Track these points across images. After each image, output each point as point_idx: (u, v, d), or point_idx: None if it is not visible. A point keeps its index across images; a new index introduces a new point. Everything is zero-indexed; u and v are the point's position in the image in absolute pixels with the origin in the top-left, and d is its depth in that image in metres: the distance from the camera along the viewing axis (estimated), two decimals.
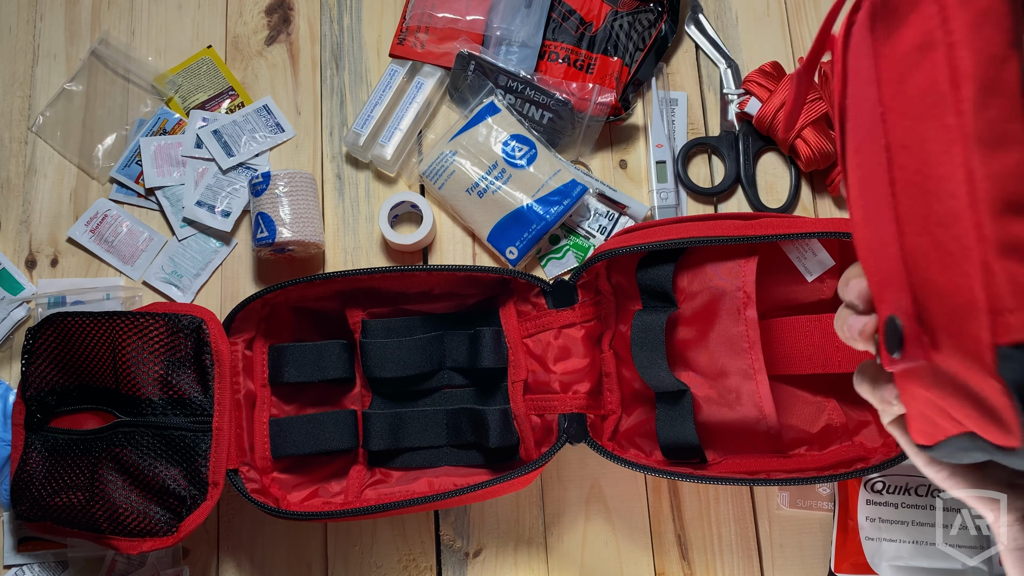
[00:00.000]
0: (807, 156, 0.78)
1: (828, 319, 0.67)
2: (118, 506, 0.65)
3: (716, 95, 0.84)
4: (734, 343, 0.66)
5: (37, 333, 0.69)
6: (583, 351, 0.70)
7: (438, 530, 0.74)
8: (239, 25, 0.86)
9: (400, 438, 0.72)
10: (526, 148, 0.79)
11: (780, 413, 0.66)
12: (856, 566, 0.71)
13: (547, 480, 0.75)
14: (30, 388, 0.69)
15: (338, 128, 0.84)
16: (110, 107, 0.83)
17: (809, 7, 0.87)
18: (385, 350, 0.72)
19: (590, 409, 0.69)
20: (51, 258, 0.80)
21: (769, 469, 0.65)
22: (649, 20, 0.84)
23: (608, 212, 0.80)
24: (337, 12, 0.87)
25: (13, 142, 0.83)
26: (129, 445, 0.67)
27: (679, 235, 0.64)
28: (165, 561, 0.72)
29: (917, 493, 0.72)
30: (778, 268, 0.68)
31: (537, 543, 0.74)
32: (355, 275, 0.69)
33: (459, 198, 0.79)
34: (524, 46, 0.82)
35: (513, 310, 0.72)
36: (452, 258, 0.81)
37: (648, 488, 0.75)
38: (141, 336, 0.68)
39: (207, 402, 0.68)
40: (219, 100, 0.84)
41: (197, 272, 0.79)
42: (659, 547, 0.74)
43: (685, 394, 0.66)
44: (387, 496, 0.69)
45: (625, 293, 0.71)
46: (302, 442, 0.70)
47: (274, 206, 0.75)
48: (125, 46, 0.85)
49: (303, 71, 0.85)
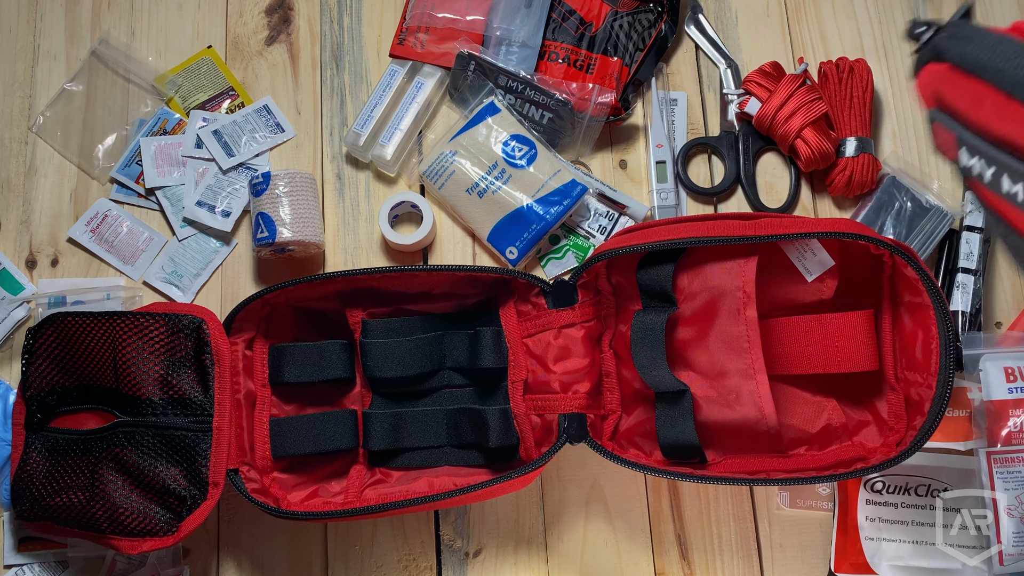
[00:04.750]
0: (807, 156, 0.78)
1: (828, 319, 0.67)
2: (118, 506, 0.65)
3: (716, 95, 0.84)
4: (734, 343, 0.66)
5: (37, 333, 0.70)
6: (583, 351, 0.70)
7: (438, 530, 0.74)
8: (239, 25, 0.86)
9: (400, 438, 0.72)
10: (526, 148, 0.79)
11: (780, 413, 0.66)
12: (856, 566, 0.71)
13: (547, 480, 0.75)
14: (30, 388, 0.69)
15: (338, 128, 0.84)
16: (110, 107, 0.83)
17: (809, 7, 0.87)
18: (385, 350, 0.72)
19: (590, 409, 0.70)
20: (51, 258, 0.80)
21: (769, 469, 0.65)
22: (649, 20, 0.84)
23: (608, 212, 0.80)
24: (337, 12, 0.87)
25: (13, 142, 0.83)
26: (129, 445, 0.67)
27: (679, 235, 0.64)
28: (165, 561, 0.72)
29: (917, 493, 0.72)
30: (778, 268, 0.68)
31: (537, 543, 0.74)
32: (355, 275, 0.69)
33: (459, 198, 0.79)
34: (524, 46, 0.82)
35: (513, 310, 0.72)
36: (452, 258, 0.81)
37: (648, 488, 0.75)
38: (141, 336, 0.68)
39: (207, 402, 0.68)
40: (219, 100, 0.84)
41: (197, 272, 0.80)
42: (659, 547, 0.74)
43: (685, 394, 0.66)
44: (387, 496, 0.69)
45: (625, 293, 0.71)
46: (302, 442, 0.70)
47: (274, 206, 0.75)
48: (125, 46, 0.85)
49: (303, 71, 0.85)
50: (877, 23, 0.86)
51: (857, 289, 0.68)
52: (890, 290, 0.67)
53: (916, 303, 0.63)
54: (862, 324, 0.66)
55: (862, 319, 0.66)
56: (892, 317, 0.67)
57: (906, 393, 0.66)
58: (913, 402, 0.65)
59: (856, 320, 0.66)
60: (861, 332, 0.66)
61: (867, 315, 0.66)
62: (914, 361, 0.64)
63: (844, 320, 0.66)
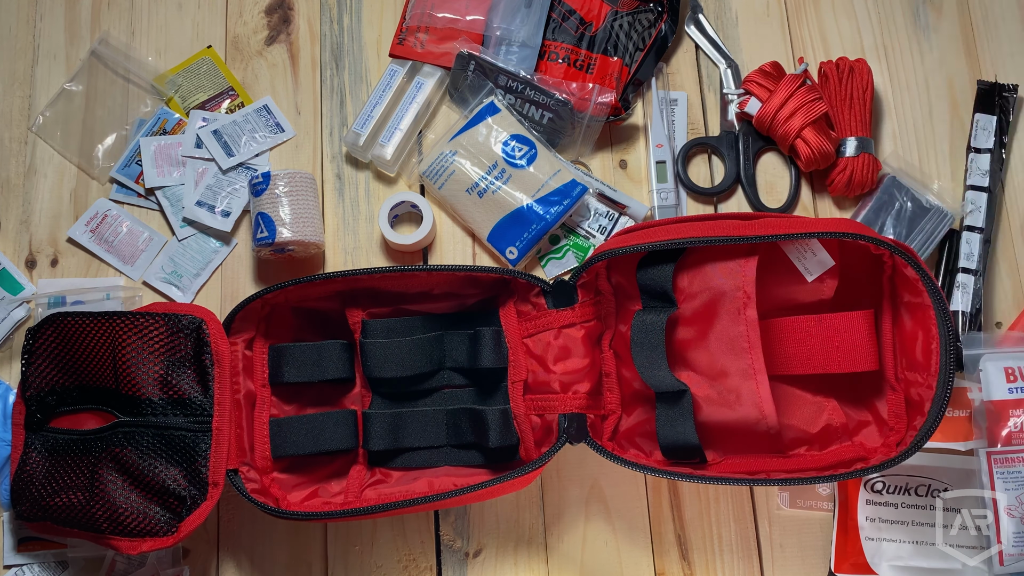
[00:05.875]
0: (807, 156, 0.78)
1: (828, 319, 0.67)
2: (118, 506, 0.65)
3: (716, 95, 0.84)
4: (734, 343, 0.66)
5: (37, 333, 0.69)
6: (583, 351, 0.70)
7: (438, 530, 0.74)
8: (239, 25, 0.86)
9: (400, 438, 0.72)
10: (526, 148, 0.79)
11: (780, 413, 0.66)
12: (856, 566, 0.71)
13: (547, 480, 0.75)
14: (30, 388, 0.69)
15: (338, 128, 0.84)
16: (110, 107, 0.83)
17: (809, 7, 0.87)
18: (385, 350, 0.72)
19: (590, 409, 0.70)
20: (51, 258, 0.80)
21: (769, 469, 0.65)
22: (649, 20, 0.84)
23: (608, 212, 0.80)
24: (337, 12, 0.87)
25: (13, 142, 0.83)
26: (129, 445, 0.67)
27: (679, 235, 0.64)
28: (165, 561, 0.72)
29: (917, 493, 0.72)
30: (778, 268, 0.68)
31: (537, 543, 0.74)
32: (355, 275, 0.69)
33: (459, 198, 0.79)
34: (524, 46, 0.82)
35: (513, 310, 0.72)
36: (452, 258, 0.81)
37: (648, 488, 0.75)
38: (141, 336, 0.68)
39: (207, 402, 0.68)
40: (219, 100, 0.84)
41: (197, 272, 0.80)
42: (659, 547, 0.74)
43: (685, 394, 0.66)
44: (387, 496, 0.69)
45: (625, 293, 0.71)
46: (302, 442, 0.70)
47: (274, 206, 0.75)
48: (125, 46, 0.85)
49: (303, 71, 0.85)
50: (877, 23, 0.86)
51: (857, 289, 0.68)
52: (890, 290, 0.67)
53: (916, 303, 0.63)
54: (862, 324, 0.66)
55: (862, 319, 0.66)
56: (892, 317, 0.67)
57: (906, 393, 0.66)
58: (913, 402, 0.65)
59: (856, 320, 0.66)
60: (861, 332, 0.66)
61: (867, 315, 0.66)
62: (914, 361, 0.64)
63: (844, 320, 0.66)
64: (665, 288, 0.67)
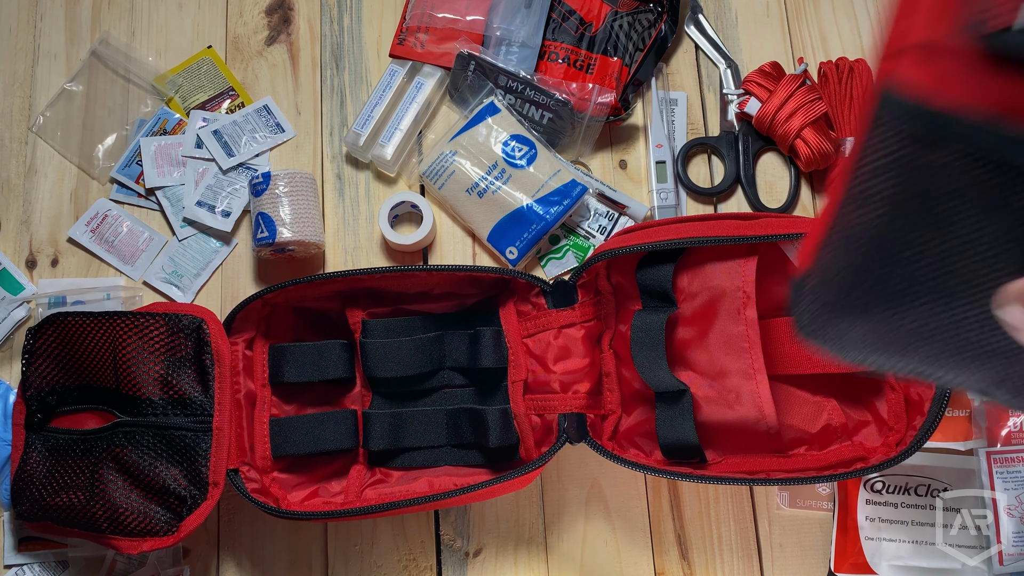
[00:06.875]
0: (807, 156, 0.78)
1: None
2: (118, 506, 0.65)
3: (716, 95, 0.84)
4: (734, 343, 0.66)
5: (37, 333, 0.70)
6: (583, 351, 0.70)
7: (438, 530, 0.74)
8: (239, 25, 0.86)
9: (400, 438, 0.72)
10: (526, 148, 0.79)
11: (780, 413, 0.66)
12: (856, 566, 0.71)
13: (547, 480, 0.75)
14: (30, 388, 0.69)
15: (338, 128, 0.84)
16: (110, 107, 0.83)
17: (809, 7, 0.87)
18: (385, 350, 0.72)
19: (590, 409, 0.70)
20: (51, 258, 0.80)
21: (769, 469, 0.65)
22: (649, 20, 0.84)
23: (608, 212, 0.80)
24: (337, 12, 0.87)
25: (13, 142, 0.83)
26: (129, 445, 0.67)
27: (679, 235, 0.64)
28: (165, 561, 0.72)
29: (917, 493, 0.72)
30: (778, 268, 0.68)
31: (537, 543, 0.74)
32: (355, 275, 0.69)
33: (459, 198, 0.79)
34: (524, 46, 0.82)
35: (513, 310, 0.72)
36: (452, 258, 0.81)
37: (648, 488, 0.75)
38: (141, 336, 0.68)
39: (207, 402, 0.68)
40: (219, 100, 0.84)
41: (197, 272, 0.80)
42: (659, 547, 0.74)
43: (685, 394, 0.66)
44: (387, 496, 0.69)
45: (625, 293, 0.71)
46: (302, 442, 0.70)
47: (274, 206, 0.75)
48: (125, 46, 0.85)
49: (303, 71, 0.85)
50: (877, 23, 0.86)
51: None
52: None
53: None
54: None
55: None
56: None
57: (906, 393, 0.66)
58: (913, 402, 0.65)
59: None
60: None
61: None
62: None
63: None
64: (665, 288, 0.67)
